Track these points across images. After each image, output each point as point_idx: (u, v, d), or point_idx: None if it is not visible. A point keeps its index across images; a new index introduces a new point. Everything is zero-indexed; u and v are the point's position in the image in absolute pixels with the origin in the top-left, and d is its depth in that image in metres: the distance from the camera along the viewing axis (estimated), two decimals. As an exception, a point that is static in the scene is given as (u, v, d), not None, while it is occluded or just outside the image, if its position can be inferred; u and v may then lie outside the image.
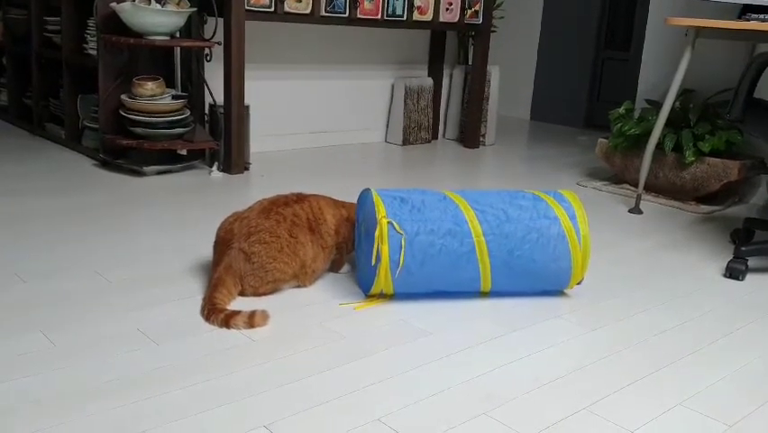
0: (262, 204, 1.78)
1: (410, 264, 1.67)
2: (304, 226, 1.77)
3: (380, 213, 1.66)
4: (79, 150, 3.18)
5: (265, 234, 1.69)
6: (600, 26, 4.97)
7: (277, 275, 1.71)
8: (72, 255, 1.93)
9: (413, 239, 1.66)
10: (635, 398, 1.36)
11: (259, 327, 1.55)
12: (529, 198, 1.79)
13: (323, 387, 1.33)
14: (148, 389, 1.28)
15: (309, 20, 3.10)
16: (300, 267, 1.75)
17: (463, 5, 3.68)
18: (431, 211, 1.69)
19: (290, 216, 1.76)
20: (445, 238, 1.67)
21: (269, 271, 1.69)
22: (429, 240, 1.66)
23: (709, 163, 2.87)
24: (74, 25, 3.13)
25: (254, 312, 1.57)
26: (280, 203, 1.79)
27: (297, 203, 1.80)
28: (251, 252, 1.68)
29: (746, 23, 2.52)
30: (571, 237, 1.73)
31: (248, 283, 1.69)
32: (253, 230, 1.70)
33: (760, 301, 1.92)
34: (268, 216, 1.73)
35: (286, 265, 1.71)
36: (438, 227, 1.67)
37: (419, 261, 1.67)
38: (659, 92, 3.35)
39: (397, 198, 1.72)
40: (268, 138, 3.52)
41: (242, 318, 1.55)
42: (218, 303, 1.60)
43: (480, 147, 4.00)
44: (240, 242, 1.69)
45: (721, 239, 2.48)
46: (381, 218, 1.65)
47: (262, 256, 1.68)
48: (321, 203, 1.86)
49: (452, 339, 1.57)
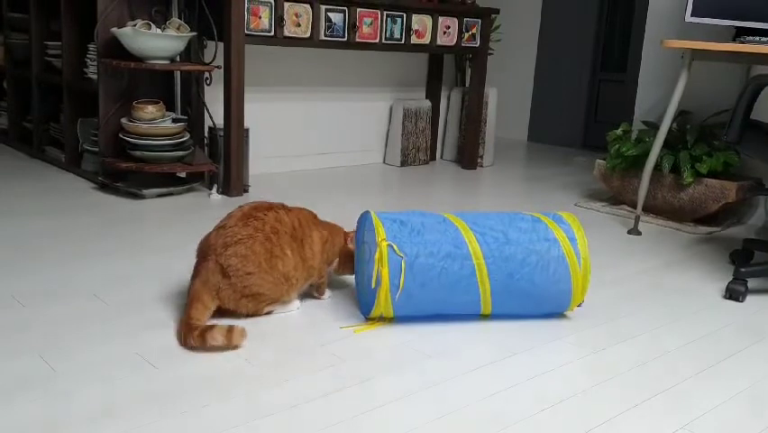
0: (242, 210, 1.70)
1: (410, 287, 1.67)
2: (286, 234, 1.69)
3: (380, 236, 1.66)
4: (79, 173, 3.19)
5: (241, 247, 1.62)
6: (597, 48, 5.02)
7: (254, 289, 1.63)
8: (71, 278, 1.93)
9: (413, 262, 1.65)
10: (638, 420, 1.35)
11: (237, 346, 1.51)
12: (528, 219, 1.79)
13: (323, 412, 1.32)
14: (147, 413, 1.27)
15: (308, 44, 3.13)
16: (283, 279, 1.68)
17: (461, 29, 3.72)
18: (430, 234, 1.70)
19: (272, 220, 1.68)
20: (445, 261, 1.67)
21: (246, 285, 1.62)
22: (429, 263, 1.66)
23: (707, 184, 2.88)
24: (75, 50, 3.15)
25: (232, 327, 1.51)
26: (263, 208, 1.71)
27: (282, 209, 1.74)
28: (227, 265, 1.61)
29: (742, 46, 2.55)
30: (571, 259, 1.73)
31: (226, 297, 1.62)
32: (230, 241, 1.62)
33: (761, 323, 1.91)
34: (246, 224, 1.65)
35: (263, 279, 1.64)
36: (438, 250, 1.67)
37: (419, 283, 1.67)
38: (656, 113, 3.38)
39: (396, 220, 1.72)
40: (267, 160, 3.54)
41: (220, 333, 1.50)
42: (194, 320, 1.55)
43: (477, 168, 4.02)
44: (215, 254, 1.62)
45: (720, 260, 2.49)
46: (381, 241, 1.65)
47: (239, 269, 1.61)
48: (307, 218, 1.80)
49: (454, 363, 1.56)
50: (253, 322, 1.71)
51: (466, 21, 3.73)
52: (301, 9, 3.06)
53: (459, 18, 3.69)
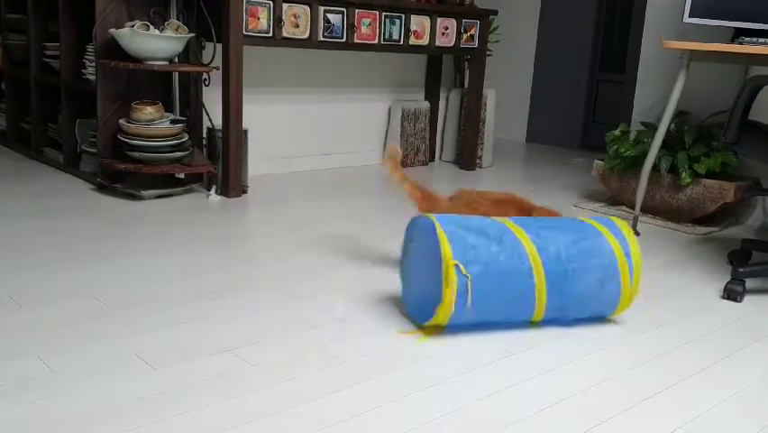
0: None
1: (471, 304, 1.62)
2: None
3: (447, 253, 1.59)
4: (77, 174, 3.19)
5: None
6: (595, 49, 5.02)
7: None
8: (69, 279, 1.93)
9: (478, 280, 1.60)
10: (638, 420, 1.35)
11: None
12: (592, 236, 1.74)
13: (324, 412, 1.32)
14: (146, 415, 1.27)
15: (307, 45, 3.13)
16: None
17: (459, 30, 3.72)
18: (494, 247, 1.63)
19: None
20: (509, 278, 1.62)
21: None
22: (493, 281, 1.61)
23: (705, 185, 2.88)
24: (73, 51, 3.15)
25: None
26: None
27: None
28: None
29: (740, 47, 2.55)
30: (625, 276, 1.72)
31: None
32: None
33: (759, 322, 1.91)
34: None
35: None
36: (503, 268, 1.62)
37: (479, 300, 1.62)
38: (654, 114, 3.38)
39: (459, 231, 1.63)
40: (266, 161, 3.54)
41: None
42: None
43: (476, 169, 4.02)
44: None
45: (719, 260, 2.49)
46: (449, 260, 1.58)
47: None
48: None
49: (454, 362, 1.56)
50: (252, 323, 1.71)
51: (464, 22, 3.73)
52: (300, 10, 3.06)
53: (457, 19, 3.69)
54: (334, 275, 2.09)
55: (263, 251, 2.30)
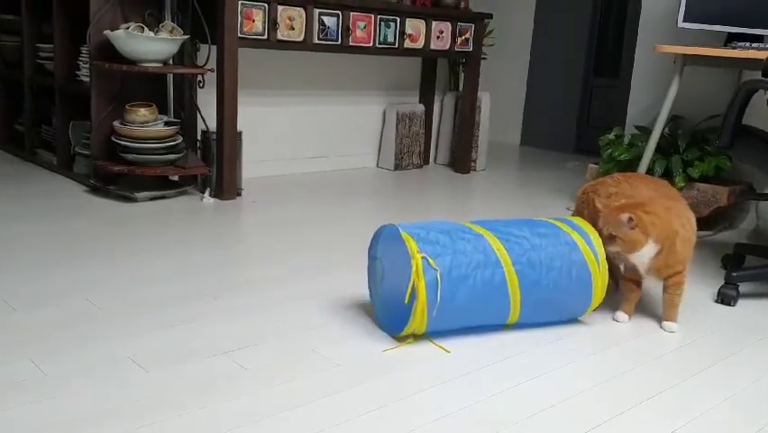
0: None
1: (445, 300, 1.61)
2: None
3: (413, 248, 1.59)
4: (71, 176, 3.17)
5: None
6: (589, 53, 5.04)
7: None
8: (63, 282, 1.92)
9: (447, 273, 1.60)
10: (631, 424, 1.35)
11: None
12: (546, 225, 1.77)
13: (319, 415, 1.31)
14: (139, 417, 1.26)
15: (302, 47, 3.13)
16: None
17: (454, 33, 3.73)
18: (458, 243, 1.64)
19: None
20: (477, 270, 1.62)
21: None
22: (462, 273, 1.61)
23: (699, 189, 2.89)
24: (67, 52, 3.14)
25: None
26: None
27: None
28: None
29: (733, 51, 2.56)
30: (591, 263, 1.73)
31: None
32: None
33: (752, 327, 1.92)
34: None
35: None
36: (469, 260, 1.62)
37: (453, 296, 1.61)
38: (648, 118, 3.39)
39: (421, 231, 1.65)
40: (260, 164, 3.53)
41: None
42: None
43: (471, 172, 4.02)
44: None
45: (712, 264, 2.50)
46: (416, 253, 1.58)
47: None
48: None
49: (450, 366, 1.56)
50: (248, 325, 1.70)
51: (459, 25, 3.74)
52: (295, 13, 3.06)
53: (452, 23, 3.70)
54: (329, 277, 2.08)
55: (257, 253, 2.29)
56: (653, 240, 1.74)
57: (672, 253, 1.77)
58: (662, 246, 1.76)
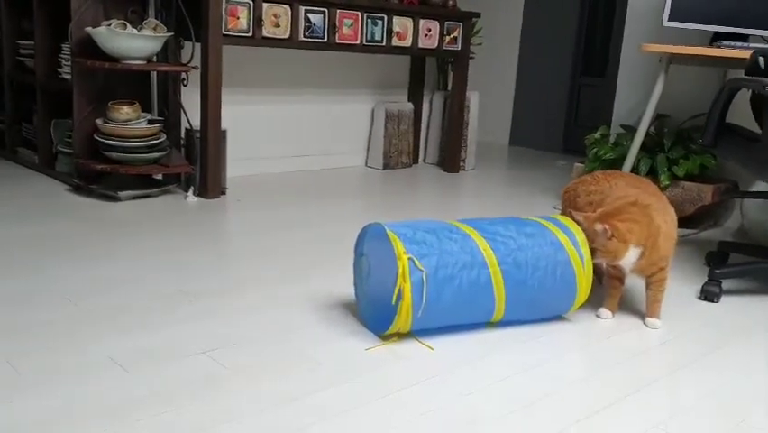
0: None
1: (430, 300, 1.60)
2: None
3: (399, 249, 1.58)
4: (53, 175, 3.14)
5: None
6: (577, 53, 5.05)
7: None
8: (43, 282, 1.89)
9: (433, 274, 1.59)
10: (611, 419, 1.35)
11: None
12: (532, 224, 1.76)
13: (300, 414, 1.29)
14: (117, 418, 1.24)
15: (287, 44, 3.11)
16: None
17: (442, 32, 3.72)
18: (445, 243, 1.63)
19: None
20: (463, 271, 1.62)
21: None
22: (449, 274, 1.60)
23: (684, 187, 2.90)
24: (48, 49, 3.10)
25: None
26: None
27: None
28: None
29: (718, 50, 2.57)
30: (576, 262, 1.72)
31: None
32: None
33: (734, 323, 1.92)
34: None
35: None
36: (456, 261, 1.61)
37: (439, 296, 1.60)
38: (634, 117, 3.40)
39: (407, 231, 1.64)
40: (245, 162, 3.50)
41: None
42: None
43: (460, 172, 4.02)
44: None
45: (697, 262, 2.50)
46: (402, 254, 1.57)
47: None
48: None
49: (431, 363, 1.54)
50: (231, 325, 1.68)
51: (447, 24, 3.73)
52: (280, 10, 3.04)
53: (440, 21, 3.69)
54: (314, 277, 2.07)
55: (241, 252, 2.27)
56: (635, 245, 1.74)
57: (655, 251, 1.77)
58: (646, 246, 1.75)
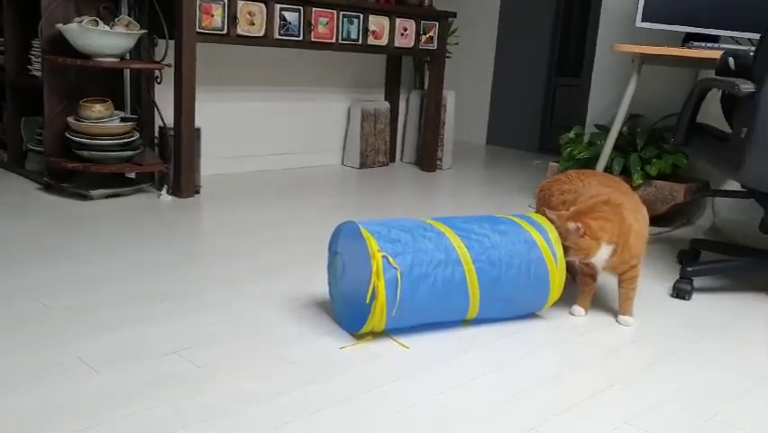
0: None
1: (405, 298, 1.59)
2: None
3: (373, 247, 1.57)
4: (23, 173, 3.08)
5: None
6: (552, 53, 5.09)
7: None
8: (13, 282, 1.85)
9: (408, 272, 1.59)
10: (582, 416, 1.36)
11: None
12: (506, 222, 1.77)
13: (274, 413, 1.28)
14: (87, 417, 1.22)
15: (262, 42, 3.09)
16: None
17: (418, 31, 3.72)
18: (420, 242, 1.63)
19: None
20: (438, 269, 1.62)
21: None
22: (423, 272, 1.60)
23: (657, 186, 2.93)
24: (17, 46, 3.05)
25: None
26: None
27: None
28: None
29: (690, 51, 2.61)
30: (549, 260, 1.73)
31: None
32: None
33: (705, 320, 1.95)
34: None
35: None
36: (430, 259, 1.61)
37: (414, 294, 1.60)
38: (608, 117, 3.43)
39: (382, 230, 1.63)
40: (220, 161, 3.47)
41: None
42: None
43: (436, 171, 4.03)
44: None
45: (669, 260, 2.53)
46: (376, 253, 1.57)
47: None
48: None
49: (406, 362, 1.54)
50: (203, 325, 1.66)
51: (423, 23, 3.73)
52: (255, 8, 3.02)
53: (416, 20, 3.69)
54: (288, 276, 2.05)
55: (215, 252, 2.25)
56: (606, 242, 1.76)
57: (626, 249, 1.79)
58: (617, 244, 1.77)
